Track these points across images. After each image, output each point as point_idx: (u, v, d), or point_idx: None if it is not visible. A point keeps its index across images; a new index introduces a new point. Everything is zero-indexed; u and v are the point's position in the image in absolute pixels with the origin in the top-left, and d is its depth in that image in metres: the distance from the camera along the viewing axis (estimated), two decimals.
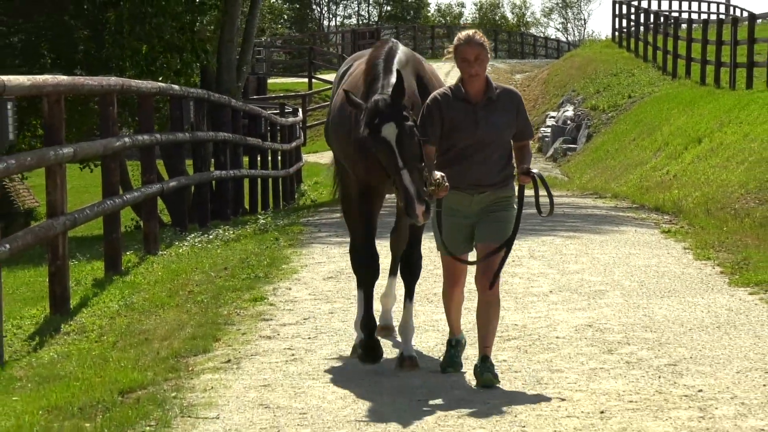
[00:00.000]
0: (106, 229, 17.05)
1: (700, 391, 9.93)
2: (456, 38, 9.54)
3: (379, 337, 10.96)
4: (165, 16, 32.22)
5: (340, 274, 16.00)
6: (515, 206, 9.84)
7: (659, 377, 10.42)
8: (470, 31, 9.55)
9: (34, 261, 17.66)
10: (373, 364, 10.41)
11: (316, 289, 15.02)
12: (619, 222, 22.18)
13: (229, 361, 11.21)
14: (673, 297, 13.98)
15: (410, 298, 10.70)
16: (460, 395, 9.72)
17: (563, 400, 9.56)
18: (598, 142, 44.33)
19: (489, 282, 9.67)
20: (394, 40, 10.52)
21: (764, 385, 10.03)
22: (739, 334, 11.98)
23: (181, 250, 19.34)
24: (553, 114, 52.07)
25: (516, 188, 9.79)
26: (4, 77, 12.21)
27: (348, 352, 11.52)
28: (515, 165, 9.81)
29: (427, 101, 9.59)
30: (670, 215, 23.50)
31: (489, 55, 9.63)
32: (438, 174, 9.21)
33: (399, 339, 10.90)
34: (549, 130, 49.38)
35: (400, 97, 9.34)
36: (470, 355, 10.45)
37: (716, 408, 9.44)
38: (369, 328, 10.57)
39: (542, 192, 9.71)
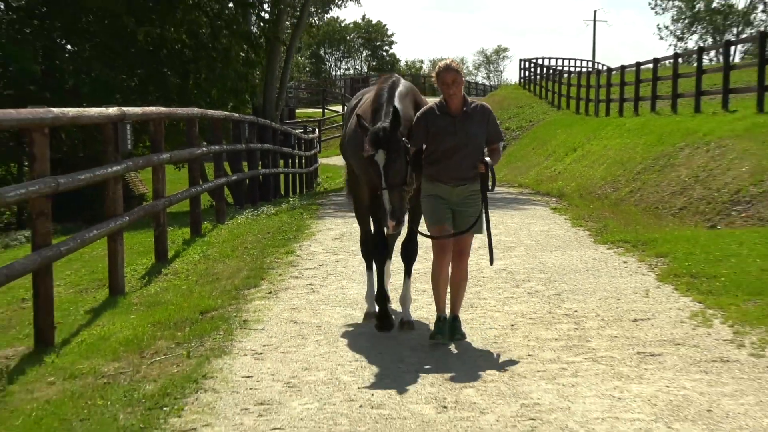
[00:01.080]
0: (192, 206, 16.99)
1: (575, 311, 10.01)
2: (437, 66, 8.83)
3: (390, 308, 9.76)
4: (229, 70, 32.43)
5: (342, 236, 15.92)
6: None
7: (549, 303, 10.47)
8: (447, 60, 8.89)
9: (144, 227, 17.66)
10: (388, 332, 9.30)
11: (328, 246, 14.93)
12: (523, 202, 22.13)
13: (270, 292, 11.20)
14: (559, 251, 13.96)
15: (408, 275, 9.73)
16: (421, 315, 9.80)
17: (487, 317, 9.63)
18: (510, 151, 43.92)
19: (464, 262, 8.85)
20: (397, 75, 9.64)
21: (616, 308, 10.09)
22: (600, 275, 11.99)
23: (239, 221, 19.23)
24: None
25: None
26: (125, 108, 12.17)
27: (349, 288, 11.49)
28: None
29: (417, 114, 8.94)
30: (557, 198, 23.46)
31: (463, 78, 9.04)
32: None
33: (399, 309, 10.11)
34: None
35: (396, 127, 8.60)
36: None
37: (586, 322, 9.52)
38: (384, 301, 9.40)
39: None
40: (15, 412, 7.16)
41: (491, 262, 8.99)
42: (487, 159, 8.77)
